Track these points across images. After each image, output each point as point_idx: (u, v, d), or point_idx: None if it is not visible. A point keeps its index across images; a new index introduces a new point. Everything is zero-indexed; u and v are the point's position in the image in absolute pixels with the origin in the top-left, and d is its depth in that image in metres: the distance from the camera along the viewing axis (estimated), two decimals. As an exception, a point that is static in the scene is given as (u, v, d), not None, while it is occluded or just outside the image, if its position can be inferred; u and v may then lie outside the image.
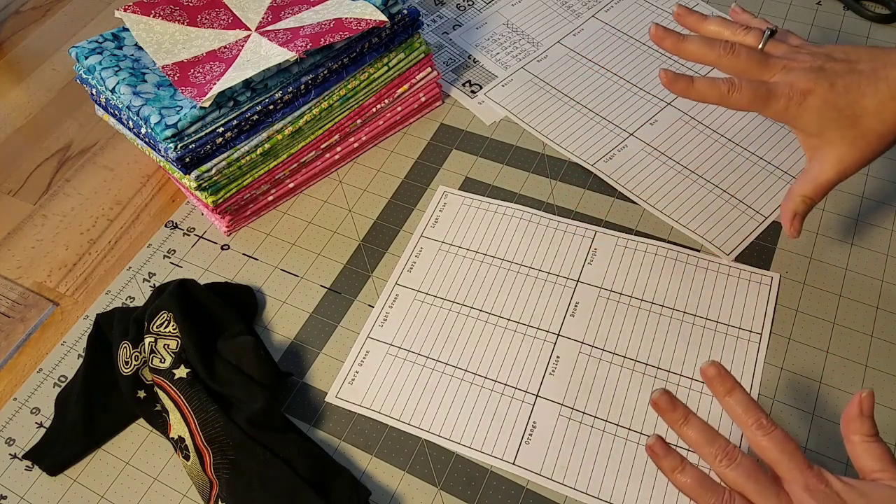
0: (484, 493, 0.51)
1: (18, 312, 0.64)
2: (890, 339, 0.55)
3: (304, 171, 0.68)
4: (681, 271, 0.60)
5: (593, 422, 0.53)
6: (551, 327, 0.58)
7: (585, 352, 0.57)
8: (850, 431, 0.44)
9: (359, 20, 0.62)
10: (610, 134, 0.69)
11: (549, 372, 0.56)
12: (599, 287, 0.60)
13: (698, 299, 0.58)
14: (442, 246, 0.63)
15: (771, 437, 0.43)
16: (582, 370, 0.56)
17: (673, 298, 0.58)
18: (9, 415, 0.58)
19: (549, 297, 0.60)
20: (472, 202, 0.66)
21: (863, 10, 0.75)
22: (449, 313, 0.60)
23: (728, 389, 0.45)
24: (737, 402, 0.45)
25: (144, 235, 0.68)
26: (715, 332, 0.57)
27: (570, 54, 0.75)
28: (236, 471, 0.50)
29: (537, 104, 0.72)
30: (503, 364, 0.57)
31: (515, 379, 0.56)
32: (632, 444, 0.52)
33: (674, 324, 0.57)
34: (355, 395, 0.56)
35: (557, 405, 0.54)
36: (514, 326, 0.59)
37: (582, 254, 0.62)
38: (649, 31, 0.55)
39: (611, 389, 0.55)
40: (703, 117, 0.68)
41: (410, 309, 0.60)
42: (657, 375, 0.55)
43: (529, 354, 0.57)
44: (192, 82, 0.61)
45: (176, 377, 0.53)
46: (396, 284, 0.62)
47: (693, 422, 0.45)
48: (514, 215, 0.64)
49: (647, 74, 0.73)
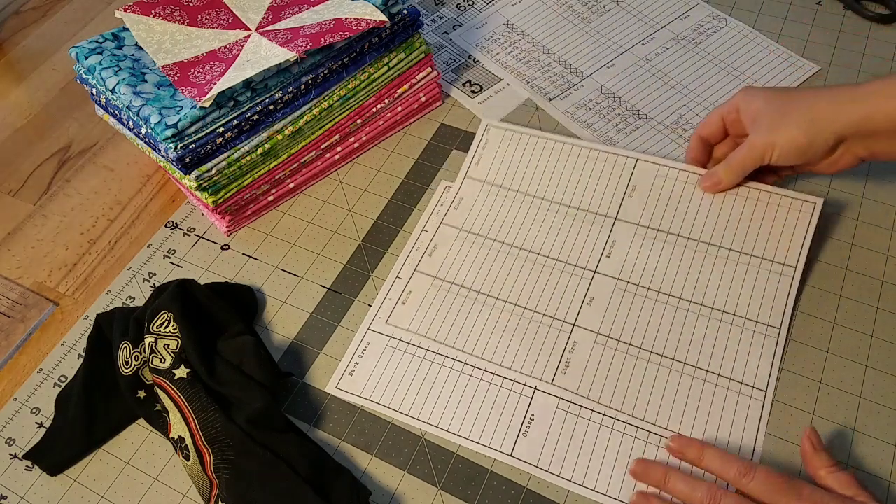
0: (484, 492, 0.51)
1: (18, 312, 0.64)
2: (890, 339, 0.56)
3: (304, 171, 0.68)
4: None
5: (591, 415, 0.54)
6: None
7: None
8: (814, 468, 0.48)
9: (359, 20, 0.62)
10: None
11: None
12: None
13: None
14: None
15: (756, 480, 0.46)
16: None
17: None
18: (9, 415, 0.58)
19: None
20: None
21: (863, 10, 0.75)
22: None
23: (699, 452, 0.49)
24: (711, 459, 0.49)
25: (144, 235, 0.68)
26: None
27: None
28: (236, 471, 0.50)
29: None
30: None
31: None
32: (639, 441, 0.52)
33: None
34: (355, 385, 0.57)
35: (557, 398, 0.54)
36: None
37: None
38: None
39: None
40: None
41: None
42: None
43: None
44: (192, 82, 0.61)
45: (176, 377, 0.53)
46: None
47: (673, 476, 0.48)
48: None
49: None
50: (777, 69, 0.72)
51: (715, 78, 0.72)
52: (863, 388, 0.53)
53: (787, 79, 0.71)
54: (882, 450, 0.51)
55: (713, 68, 0.73)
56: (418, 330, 0.59)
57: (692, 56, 0.74)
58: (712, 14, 0.77)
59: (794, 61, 0.72)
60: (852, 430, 0.52)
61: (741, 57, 0.73)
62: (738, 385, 0.54)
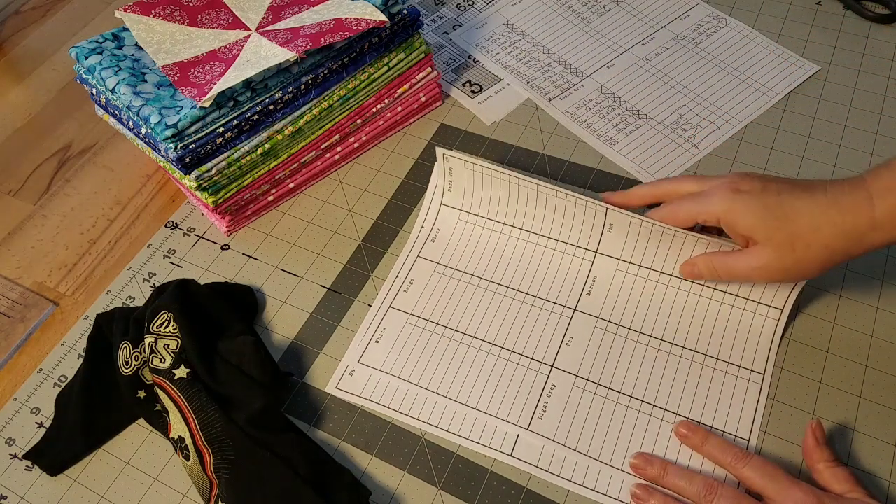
0: (484, 492, 0.51)
1: (18, 312, 0.64)
2: (890, 339, 0.56)
3: (304, 171, 0.68)
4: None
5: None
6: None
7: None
8: (814, 461, 0.48)
9: (359, 20, 0.62)
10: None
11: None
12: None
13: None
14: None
15: (750, 465, 0.48)
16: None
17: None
18: (9, 415, 0.58)
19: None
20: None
21: (863, 10, 0.75)
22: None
23: (702, 439, 0.50)
24: (713, 446, 0.50)
25: (144, 235, 0.68)
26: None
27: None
28: (236, 471, 0.50)
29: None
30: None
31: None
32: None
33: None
34: (355, 385, 0.57)
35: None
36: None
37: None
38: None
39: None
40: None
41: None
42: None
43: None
44: (192, 82, 0.61)
45: (176, 377, 0.53)
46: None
47: (671, 470, 0.49)
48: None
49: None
50: (777, 69, 0.72)
51: (715, 78, 0.72)
52: (863, 388, 0.53)
53: (787, 79, 0.71)
54: (881, 449, 0.51)
55: (713, 68, 0.73)
56: (391, 370, 0.57)
57: (692, 56, 0.74)
58: (712, 14, 0.77)
59: (794, 61, 0.72)
60: (852, 430, 0.52)
61: (741, 57, 0.73)
62: (720, 434, 0.52)
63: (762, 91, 0.71)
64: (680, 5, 0.79)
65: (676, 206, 0.54)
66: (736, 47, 0.74)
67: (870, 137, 0.67)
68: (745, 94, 0.71)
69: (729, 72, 0.72)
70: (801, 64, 0.72)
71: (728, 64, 0.73)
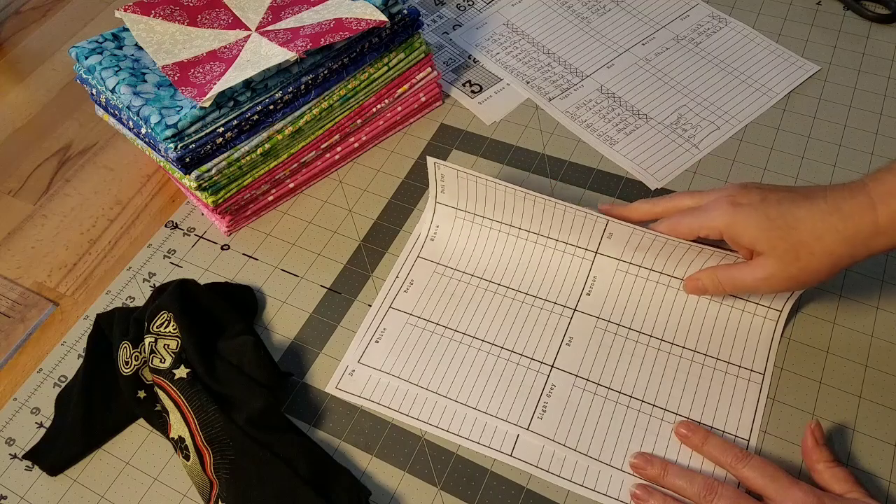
0: (484, 492, 0.51)
1: (18, 312, 0.64)
2: (890, 339, 0.56)
3: (304, 171, 0.68)
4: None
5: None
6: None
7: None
8: (813, 461, 0.48)
9: (359, 20, 0.62)
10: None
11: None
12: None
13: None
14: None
15: (750, 465, 0.48)
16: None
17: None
18: (9, 415, 0.58)
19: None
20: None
21: (863, 10, 0.75)
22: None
23: (702, 439, 0.50)
24: (713, 446, 0.50)
25: (144, 235, 0.68)
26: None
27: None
28: (236, 471, 0.50)
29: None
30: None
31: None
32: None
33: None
34: (355, 385, 0.57)
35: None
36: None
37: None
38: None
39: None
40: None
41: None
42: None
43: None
44: (192, 82, 0.61)
45: (176, 377, 0.53)
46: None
47: (671, 470, 0.49)
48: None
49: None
50: (777, 69, 0.72)
51: (715, 78, 0.72)
52: (863, 388, 0.54)
53: (787, 79, 0.71)
54: (881, 449, 0.51)
55: (713, 68, 0.73)
56: (391, 371, 0.57)
57: (692, 56, 0.74)
58: (712, 14, 0.78)
59: (794, 61, 0.72)
60: (851, 430, 0.52)
61: (741, 57, 0.73)
62: (720, 434, 0.52)
63: (762, 91, 0.71)
64: (680, 5, 0.79)
65: (677, 221, 0.54)
66: (736, 47, 0.74)
67: (870, 137, 0.67)
68: (745, 94, 0.71)
69: (729, 72, 0.72)
70: (801, 64, 0.72)
71: (728, 64, 0.73)
